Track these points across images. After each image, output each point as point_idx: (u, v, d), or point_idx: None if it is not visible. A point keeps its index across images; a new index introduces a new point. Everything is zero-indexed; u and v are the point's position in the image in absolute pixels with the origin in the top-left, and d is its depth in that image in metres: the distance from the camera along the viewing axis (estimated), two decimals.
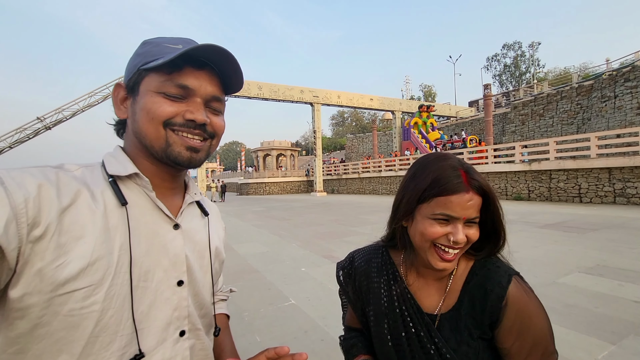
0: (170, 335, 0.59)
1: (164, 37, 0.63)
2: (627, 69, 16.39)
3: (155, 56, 0.58)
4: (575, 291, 3.44)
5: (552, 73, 44.52)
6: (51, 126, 21.70)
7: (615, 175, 11.17)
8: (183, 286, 0.61)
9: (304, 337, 2.71)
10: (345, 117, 67.59)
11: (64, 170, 0.54)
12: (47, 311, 0.46)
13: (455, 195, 0.63)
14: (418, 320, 0.70)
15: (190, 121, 0.59)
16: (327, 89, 26.24)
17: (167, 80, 0.57)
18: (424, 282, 0.74)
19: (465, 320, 0.67)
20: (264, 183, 30.48)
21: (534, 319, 0.65)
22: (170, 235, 0.60)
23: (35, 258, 0.45)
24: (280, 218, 11.21)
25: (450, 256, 0.66)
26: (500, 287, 0.66)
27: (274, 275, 4.50)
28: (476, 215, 0.65)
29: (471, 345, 0.66)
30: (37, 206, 0.46)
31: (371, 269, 0.80)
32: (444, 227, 0.65)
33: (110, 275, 0.51)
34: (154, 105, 0.57)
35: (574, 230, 6.68)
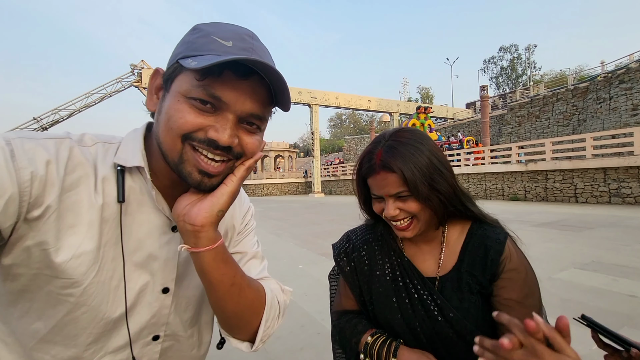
0: (142, 338, 0.57)
1: (218, 23, 0.51)
2: (621, 71, 16.59)
3: (200, 51, 0.47)
4: (571, 286, 3.47)
5: (548, 75, 44.91)
6: (47, 127, 21.63)
7: (610, 175, 11.26)
8: (168, 294, 0.57)
9: (300, 331, 2.71)
10: (343, 118, 67.83)
11: (81, 144, 0.51)
12: (32, 283, 0.47)
13: (371, 177, 0.70)
14: (420, 286, 0.73)
15: (212, 141, 0.48)
16: (325, 91, 26.32)
17: (199, 85, 0.47)
18: (417, 249, 0.78)
19: (465, 278, 0.71)
20: (262, 184, 30.47)
21: (528, 272, 0.71)
22: (165, 237, 0.56)
23: (28, 235, 0.45)
24: (277, 218, 11.20)
25: (401, 226, 0.70)
26: (499, 242, 0.71)
27: (271, 273, 4.39)
28: (398, 190, 0.67)
29: (472, 300, 0.70)
30: (42, 186, 0.44)
31: (369, 245, 0.83)
32: (381, 203, 0.71)
33: (94, 272, 0.49)
34: (177, 114, 0.48)
35: (570, 229, 6.72)
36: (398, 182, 0.66)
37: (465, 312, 0.69)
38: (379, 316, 0.78)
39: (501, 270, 0.69)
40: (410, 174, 0.65)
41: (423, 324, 0.71)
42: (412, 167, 0.65)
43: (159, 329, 0.58)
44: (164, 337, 0.59)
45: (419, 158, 0.66)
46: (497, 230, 0.74)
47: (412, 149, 0.67)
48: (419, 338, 0.72)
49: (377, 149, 0.69)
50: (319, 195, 25.41)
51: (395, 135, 0.70)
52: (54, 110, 21.66)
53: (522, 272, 0.70)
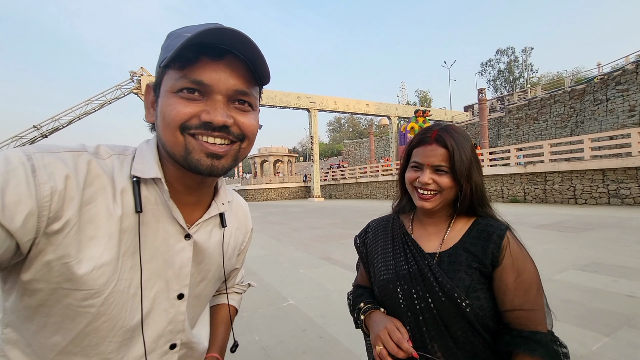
0: (160, 347, 0.58)
1: (190, 25, 0.53)
2: (618, 72, 16.67)
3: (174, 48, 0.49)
4: (571, 287, 3.48)
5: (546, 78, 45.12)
6: (47, 134, 21.67)
7: (608, 176, 11.31)
8: (183, 300, 0.59)
9: (302, 335, 2.72)
10: (342, 122, 67.97)
11: (98, 157, 0.52)
12: (51, 297, 0.48)
13: (421, 147, 0.81)
14: (420, 258, 0.81)
15: (207, 123, 0.50)
16: (324, 95, 26.41)
17: (181, 77, 0.49)
18: (424, 231, 0.87)
19: (465, 255, 0.77)
20: (262, 189, 30.46)
21: (527, 261, 0.75)
22: (179, 245, 0.58)
23: (48, 249, 0.45)
24: (278, 223, 11.22)
25: (426, 195, 0.79)
26: (501, 230, 0.77)
27: (273, 277, 4.51)
28: (440, 164, 0.78)
29: (467, 273, 0.75)
30: (62, 200, 0.45)
31: (382, 227, 0.95)
32: (417, 172, 0.81)
33: (114, 281, 0.50)
34: (168, 108, 0.50)
35: (569, 230, 6.74)
36: (443, 156, 0.78)
37: (458, 282, 0.74)
38: (379, 289, 0.86)
39: (503, 255, 0.74)
40: (458, 154, 0.77)
41: (421, 295, 0.77)
42: (460, 151, 0.77)
43: (176, 337, 0.60)
44: (180, 345, 0.60)
45: (465, 146, 0.79)
46: (499, 221, 0.81)
47: (462, 138, 0.80)
48: (415, 311, 0.77)
49: (432, 129, 0.81)
50: (318, 200, 25.40)
51: (450, 126, 0.82)
52: (53, 117, 21.71)
53: (522, 261, 0.74)
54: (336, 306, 3.29)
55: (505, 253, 0.74)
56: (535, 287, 0.73)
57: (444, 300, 0.73)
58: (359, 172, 25.77)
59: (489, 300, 0.74)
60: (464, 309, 0.72)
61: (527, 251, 0.77)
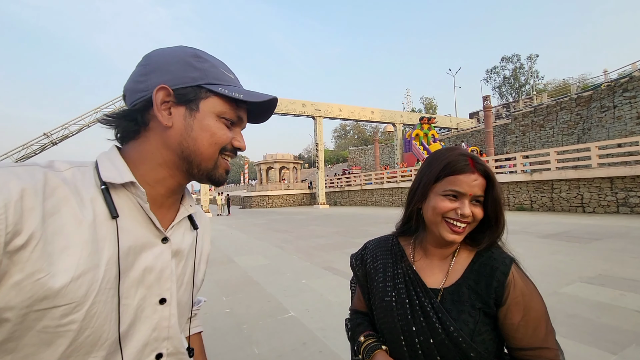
0: (146, 356, 0.56)
1: (210, 55, 0.63)
2: (625, 79, 16.54)
3: (219, 80, 0.60)
4: (577, 301, 3.41)
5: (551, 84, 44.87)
6: (57, 142, 22.05)
7: (617, 184, 11.13)
8: (165, 304, 0.58)
9: (302, 349, 2.70)
10: (347, 129, 68.13)
11: (54, 170, 0.50)
12: (20, 326, 0.43)
13: (463, 175, 0.74)
14: (422, 294, 0.77)
15: (237, 148, 0.63)
16: (329, 103, 26.54)
17: (231, 109, 0.60)
18: (428, 262, 0.82)
19: (468, 293, 0.74)
20: (267, 196, 30.52)
21: (534, 297, 0.72)
22: (158, 249, 0.58)
23: (13, 269, 0.41)
24: (282, 230, 11.19)
25: (458, 229, 0.74)
26: (505, 265, 0.74)
27: (274, 288, 4.49)
28: (480, 194, 0.75)
29: (472, 315, 0.71)
30: (19, 212, 0.42)
31: (380, 250, 0.90)
32: (453, 202, 0.75)
33: (94, 291, 0.48)
34: (220, 131, 0.60)
35: (576, 240, 6.63)
36: (483, 187, 0.75)
37: (463, 324, 0.70)
38: (379, 318, 0.82)
39: (507, 294, 0.71)
40: (496, 185, 0.76)
41: (421, 332, 0.74)
42: (496, 182, 0.77)
43: (161, 345, 0.58)
44: (167, 356, 0.59)
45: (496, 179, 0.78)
46: (503, 253, 0.78)
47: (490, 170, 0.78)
48: (414, 347, 0.74)
49: (465, 156, 0.76)
50: (323, 207, 25.36)
51: (477, 157, 0.78)
52: (63, 125, 22.11)
53: (529, 297, 0.71)
54: (337, 319, 3.26)
55: (510, 291, 0.71)
56: (544, 324, 0.70)
57: (447, 343, 0.70)
58: (364, 179, 25.71)
59: (494, 342, 0.72)
60: (468, 354, 0.69)
61: (533, 285, 0.74)
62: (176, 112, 0.58)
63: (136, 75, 0.59)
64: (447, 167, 0.76)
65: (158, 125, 0.58)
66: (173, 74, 0.57)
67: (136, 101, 0.58)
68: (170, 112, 0.57)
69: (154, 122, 0.59)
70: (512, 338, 0.71)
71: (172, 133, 0.58)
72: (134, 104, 0.58)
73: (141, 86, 0.58)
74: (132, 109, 0.58)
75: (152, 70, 0.58)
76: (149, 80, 0.57)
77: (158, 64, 0.58)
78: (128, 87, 0.60)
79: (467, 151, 0.79)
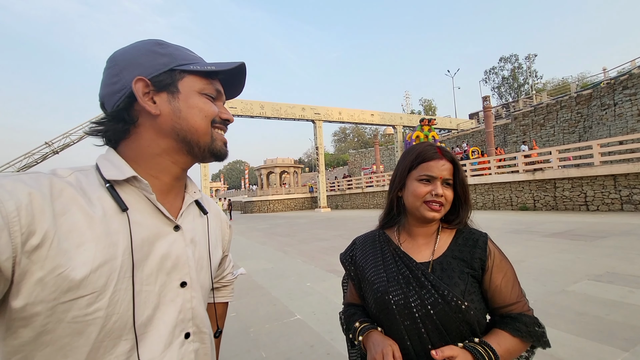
0: (176, 337, 0.59)
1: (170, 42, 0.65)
2: (624, 77, 16.55)
3: (188, 60, 0.62)
4: (585, 299, 3.38)
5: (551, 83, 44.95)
6: (59, 150, 22.13)
7: (620, 182, 11.08)
8: (186, 288, 0.61)
9: (310, 352, 2.67)
10: (347, 133, 68.26)
11: (57, 176, 0.53)
12: (51, 319, 0.46)
13: (433, 161, 0.87)
14: (414, 267, 0.85)
15: (226, 120, 0.66)
16: (328, 106, 26.60)
17: (208, 84, 0.63)
18: (414, 242, 0.91)
19: (455, 262, 0.84)
20: (268, 201, 30.50)
21: (507, 262, 0.87)
22: (171, 237, 0.61)
23: (34, 267, 0.44)
24: (284, 234, 11.18)
25: (436, 206, 0.85)
26: (484, 237, 0.88)
27: (279, 291, 4.47)
28: (449, 177, 0.87)
29: (461, 278, 0.82)
30: (31, 214, 0.44)
31: (369, 243, 0.98)
32: (427, 186, 0.86)
33: (114, 280, 0.51)
34: (206, 105, 0.62)
35: (582, 238, 6.59)
36: (451, 171, 0.87)
37: (454, 287, 0.80)
38: (373, 304, 0.87)
39: (489, 260, 0.84)
40: (461, 169, 0.89)
41: (420, 304, 0.80)
42: (461, 167, 0.89)
43: (187, 325, 0.61)
44: (193, 335, 0.62)
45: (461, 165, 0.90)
46: (479, 230, 0.92)
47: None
48: (415, 323, 0.80)
49: (433, 146, 0.89)
50: (325, 210, 25.32)
51: (444, 147, 0.91)
52: (64, 134, 22.19)
53: (505, 263, 0.86)
54: None
55: (491, 256, 0.84)
56: (517, 282, 0.85)
57: (444, 304, 0.78)
58: (365, 182, 25.70)
59: (481, 302, 0.83)
60: (465, 312, 0.77)
61: (504, 253, 0.89)
62: (159, 99, 0.59)
63: (108, 78, 0.60)
64: (419, 155, 0.88)
65: (147, 118, 0.60)
66: (143, 65, 0.59)
67: (117, 102, 0.59)
68: (154, 100, 0.59)
69: (142, 117, 0.60)
70: (497, 298, 0.83)
71: (162, 120, 0.60)
72: (116, 105, 0.59)
73: (117, 87, 0.59)
74: (117, 110, 0.59)
75: (123, 68, 0.59)
76: (123, 79, 0.59)
77: (126, 60, 0.60)
78: (104, 93, 0.61)
79: (432, 143, 0.92)
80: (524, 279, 4.18)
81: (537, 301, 3.39)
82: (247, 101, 23.51)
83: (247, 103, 23.41)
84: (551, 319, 2.95)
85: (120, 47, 0.63)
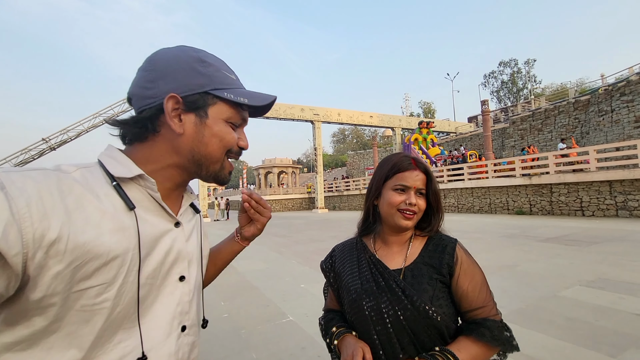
0: (175, 329, 0.62)
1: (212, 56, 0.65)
2: (622, 83, 16.66)
3: (224, 84, 0.63)
4: (576, 304, 3.41)
5: (549, 89, 45.13)
6: (56, 147, 22.04)
7: (616, 188, 11.14)
8: (185, 282, 0.64)
9: (301, 354, 2.68)
10: (346, 134, 68.28)
11: (63, 172, 0.52)
12: (64, 307, 0.47)
13: (408, 172, 0.90)
14: (386, 275, 0.89)
15: (242, 148, 0.68)
16: (328, 107, 26.63)
17: (236, 113, 0.65)
18: (388, 250, 0.95)
19: (425, 268, 0.88)
20: (266, 200, 30.41)
21: (476, 268, 0.90)
22: (174, 233, 0.63)
23: (52, 261, 0.45)
24: (280, 235, 11.17)
25: (410, 215, 0.89)
26: (452, 243, 0.91)
27: (273, 292, 4.47)
28: (422, 187, 0.91)
29: (430, 284, 0.85)
30: (42, 210, 0.45)
31: (347, 250, 1.02)
32: (402, 195, 0.90)
33: (123, 274, 0.52)
34: (228, 136, 0.64)
35: (576, 244, 6.63)
36: (424, 181, 0.91)
37: (423, 292, 0.83)
38: (348, 310, 0.91)
39: (456, 265, 0.86)
40: (434, 179, 0.93)
41: (390, 309, 0.84)
42: (434, 177, 0.93)
43: (184, 318, 0.64)
44: (188, 329, 0.64)
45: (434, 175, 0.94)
46: (449, 237, 0.95)
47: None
48: (385, 327, 0.83)
49: (409, 157, 0.93)
50: (322, 211, 25.32)
51: (418, 158, 0.94)
52: (62, 130, 22.10)
53: (472, 268, 0.88)
54: None
55: (458, 263, 0.87)
56: (485, 286, 0.87)
57: (412, 310, 0.81)
58: (362, 183, 25.72)
59: (450, 307, 0.86)
60: (432, 317, 0.81)
61: (474, 259, 0.91)
62: (186, 119, 0.60)
63: (143, 81, 0.61)
64: (395, 166, 0.92)
65: (168, 132, 0.61)
66: (180, 81, 0.59)
67: (144, 107, 0.60)
68: (181, 119, 0.60)
69: (164, 129, 0.61)
70: (464, 301, 0.86)
71: (183, 140, 0.61)
72: (142, 110, 0.60)
73: (149, 92, 0.60)
74: (142, 116, 0.60)
75: (159, 76, 0.60)
76: (157, 88, 0.59)
77: (164, 70, 0.60)
78: (135, 92, 0.62)
79: (409, 154, 0.95)
80: (516, 283, 4.21)
81: (528, 306, 3.42)
82: None
83: None
84: (541, 324, 2.97)
85: (163, 49, 0.63)
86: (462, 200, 16.86)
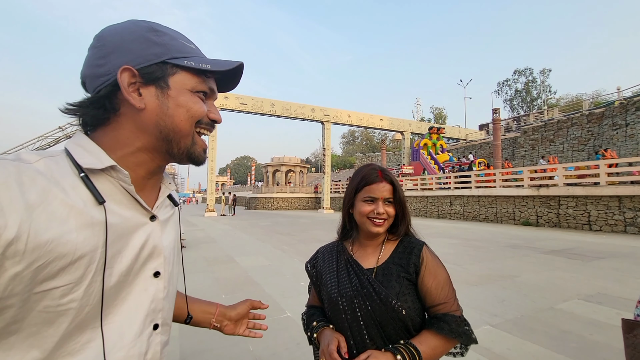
0: (147, 327, 0.58)
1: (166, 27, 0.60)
2: (638, 98, 16.34)
3: (182, 52, 0.58)
4: (572, 318, 3.42)
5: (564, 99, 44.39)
6: (71, 135, 22.47)
7: (625, 204, 10.97)
8: (159, 278, 0.60)
9: (295, 349, 2.77)
10: (356, 136, 68.20)
11: (24, 161, 0.47)
12: (22, 310, 0.43)
13: (375, 184, 0.99)
14: (360, 273, 0.99)
15: (214, 121, 0.63)
16: (338, 108, 26.69)
17: (202, 82, 0.60)
18: (364, 252, 1.05)
19: (394, 267, 0.97)
20: (272, 198, 30.68)
21: (440, 267, 0.99)
22: (148, 227, 0.59)
23: (8, 262, 0.41)
24: (285, 233, 11.28)
25: (379, 222, 0.98)
26: (419, 246, 1.00)
27: (273, 289, 4.57)
28: (389, 196, 0.99)
29: (397, 281, 0.95)
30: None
31: (328, 252, 1.12)
32: (371, 205, 0.99)
33: (91, 272, 0.48)
34: (196, 105, 0.59)
35: (579, 258, 6.58)
36: (391, 191, 0.99)
37: (391, 288, 0.93)
38: (327, 305, 1.01)
39: (422, 265, 0.96)
40: (400, 188, 1.02)
41: (362, 302, 0.93)
42: (399, 186, 1.02)
43: (157, 316, 0.60)
44: (161, 327, 0.61)
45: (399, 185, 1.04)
46: (417, 239, 1.04)
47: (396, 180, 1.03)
48: (357, 320, 0.93)
49: (375, 169, 1.01)
50: (328, 212, 25.40)
51: (385, 169, 1.03)
52: None
53: (436, 267, 0.97)
54: None
55: (424, 262, 0.96)
56: (448, 285, 0.96)
57: (380, 304, 0.91)
58: None
59: (415, 302, 0.95)
60: (397, 309, 0.90)
61: (439, 260, 1.01)
62: (146, 92, 0.56)
63: (93, 59, 0.56)
64: (363, 179, 1.01)
65: (129, 109, 0.56)
66: (134, 52, 0.55)
67: (99, 87, 0.55)
68: (140, 93, 0.55)
69: (124, 107, 0.56)
70: (427, 298, 0.95)
71: (146, 115, 0.56)
72: (98, 90, 0.55)
73: (101, 70, 0.55)
74: (98, 96, 0.55)
75: (110, 51, 0.55)
76: (110, 63, 0.54)
77: (115, 43, 0.55)
78: (87, 73, 0.56)
79: (379, 166, 1.04)
80: (515, 293, 4.22)
81: (524, 317, 3.44)
82: (258, 98, 23.72)
83: (258, 100, 23.61)
84: (534, 335, 3.01)
85: (112, 24, 0.58)
86: (468, 208, 16.76)
